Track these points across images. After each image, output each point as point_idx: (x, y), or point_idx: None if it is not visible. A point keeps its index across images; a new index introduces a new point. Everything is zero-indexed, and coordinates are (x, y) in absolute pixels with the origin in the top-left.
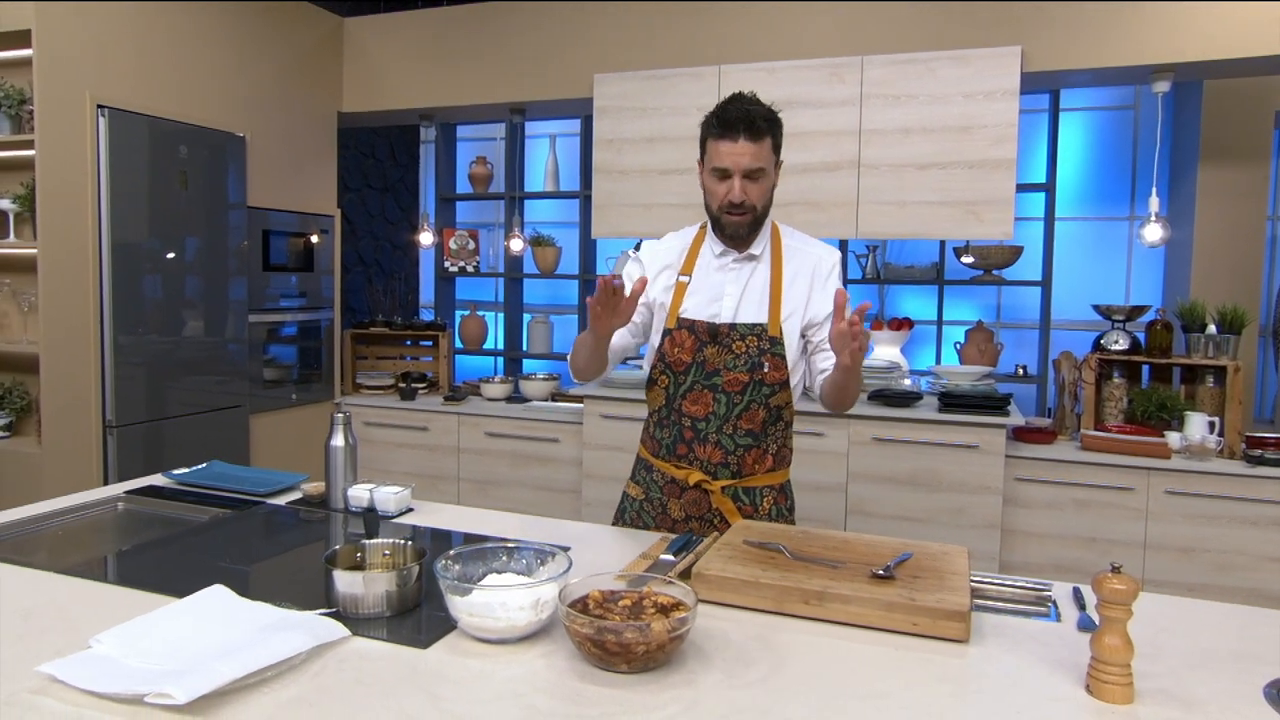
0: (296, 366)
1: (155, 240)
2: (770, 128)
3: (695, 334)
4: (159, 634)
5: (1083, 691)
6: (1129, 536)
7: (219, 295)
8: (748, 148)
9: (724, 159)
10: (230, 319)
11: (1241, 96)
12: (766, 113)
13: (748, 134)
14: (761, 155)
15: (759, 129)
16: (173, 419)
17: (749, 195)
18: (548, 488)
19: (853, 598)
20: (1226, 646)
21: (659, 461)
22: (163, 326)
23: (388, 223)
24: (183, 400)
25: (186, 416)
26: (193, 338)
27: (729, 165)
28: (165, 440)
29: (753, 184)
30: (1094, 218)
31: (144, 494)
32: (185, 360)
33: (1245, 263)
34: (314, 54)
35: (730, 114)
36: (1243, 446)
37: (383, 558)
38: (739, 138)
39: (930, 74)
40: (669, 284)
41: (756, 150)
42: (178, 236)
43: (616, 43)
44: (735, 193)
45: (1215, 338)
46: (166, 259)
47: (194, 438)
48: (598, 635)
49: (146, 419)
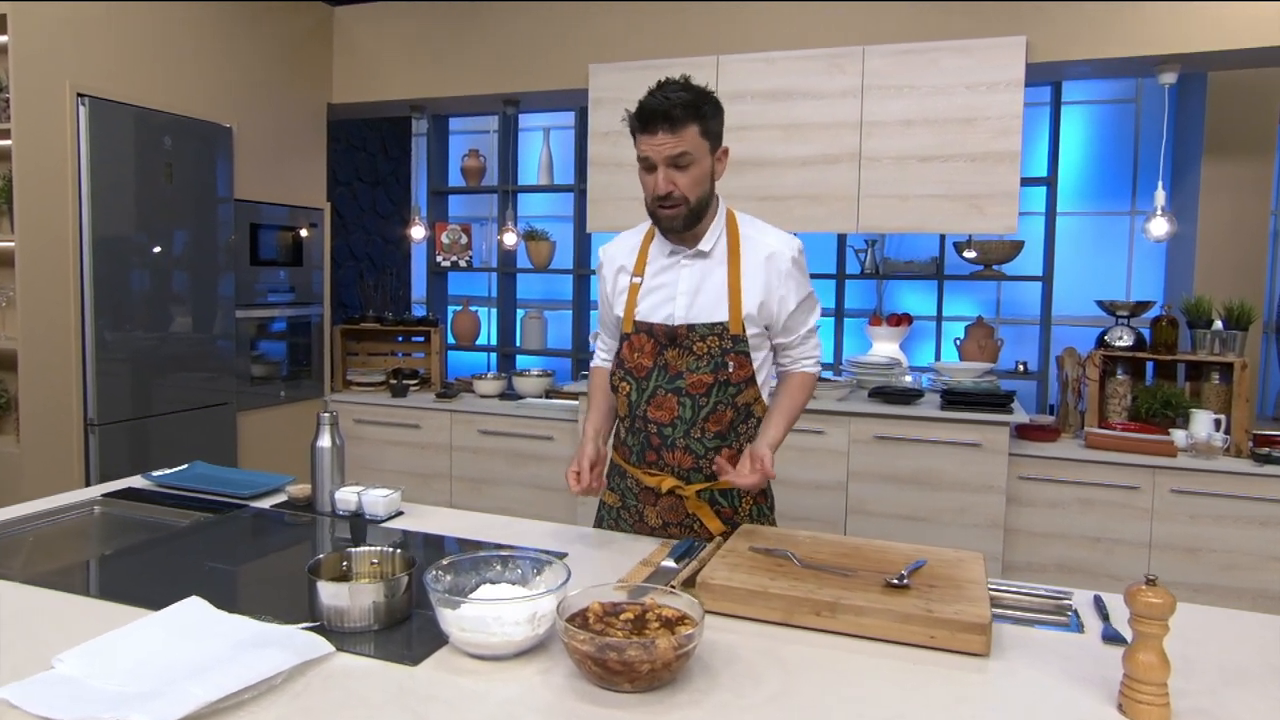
0: (285, 363)
1: (139, 233)
2: (692, 114)
3: (654, 337)
4: (126, 652)
5: (1115, 711)
6: (1134, 536)
7: (205, 290)
8: (667, 138)
9: (644, 149)
10: (217, 315)
11: (1246, 89)
12: (688, 100)
13: (665, 125)
14: (684, 142)
15: (676, 118)
16: (157, 417)
17: (677, 185)
18: (543, 486)
19: (867, 609)
20: (1263, 661)
21: (631, 468)
22: (147, 322)
23: (379, 217)
24: (167, 398)
25: (171, 415)
26: (178, 334)
27: (651, 155)
28: (149, 439)
29: (680, 172)
30: (1095, 212)
31: (123, 497)
32: (170, 357)
33: (1249, 258)
34: (303, 44)
35: (646, 108)
36: (1250, 445)
37: (370, 566)
38: (657, 130)
39: (933, 65)
40: (624, 286)
41: (678, 139)
42: (163, 229)
43: (612, 33)
44: (660, 183)
45: (1221, 334)
46: (151, 253)
47: (179, 436)
48: (599, 653)
49: (130, 417)
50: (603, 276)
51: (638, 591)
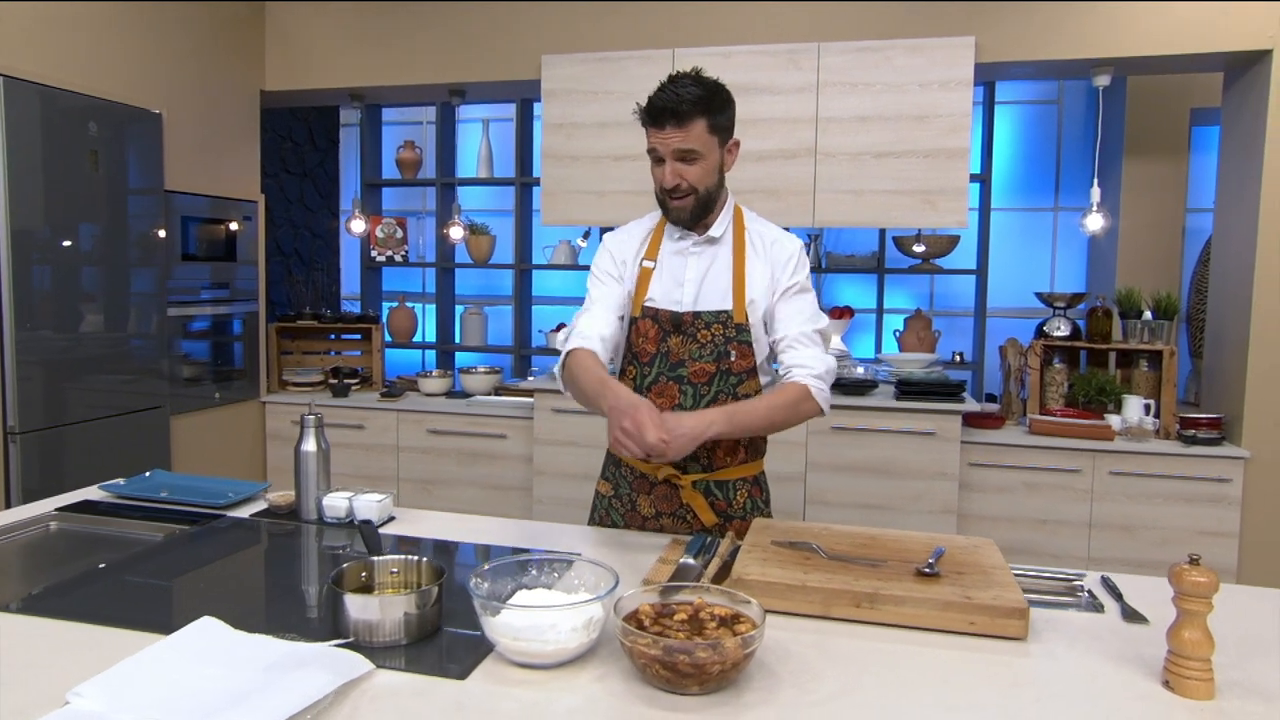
0: (219, 363)
1: (62, 226)
2: (701, 110)
3: (659, 323)
4: (149, 681)
5: (1161, 688)
6: (1076, 517)
7: (134, 287)
8: (675, 133)
9: (653, 143)
10: (146, 313)
11: (1161, 95)
12: (698, 94)
13: (673, 121)
14: (691, 137)
15: (684, 113)
16: (84, 423)
17: (685, 177)
18: (496, 486)
19: (906, 598)
20: (1276, 632)
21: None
22: (70, 322)
23: (307, 210)
24: (95, 403)
25: (98, 421)
26: (105, 333)
27: (659, 148)
28: (76, 447)
29: (688, 165)
30: (1020, 208)
31: (78, 510)
32: (97, 358)
33: (1166, 253)
34: (234, 27)
35: (657, 100)
36: (1177, 427)
37: (391, 576)
38: (665, 125)
39: (887, 62)
40: (635, 272)
41: (685, 134)
42: (87, 222)
43: (564, 23)
44: (668, 176)
45: (1151, 323)
46: (74, 247)
47: (108, 444)
48: (667, 656)
49: (53, 424)
50: (613, 257)
51: (669, 591)
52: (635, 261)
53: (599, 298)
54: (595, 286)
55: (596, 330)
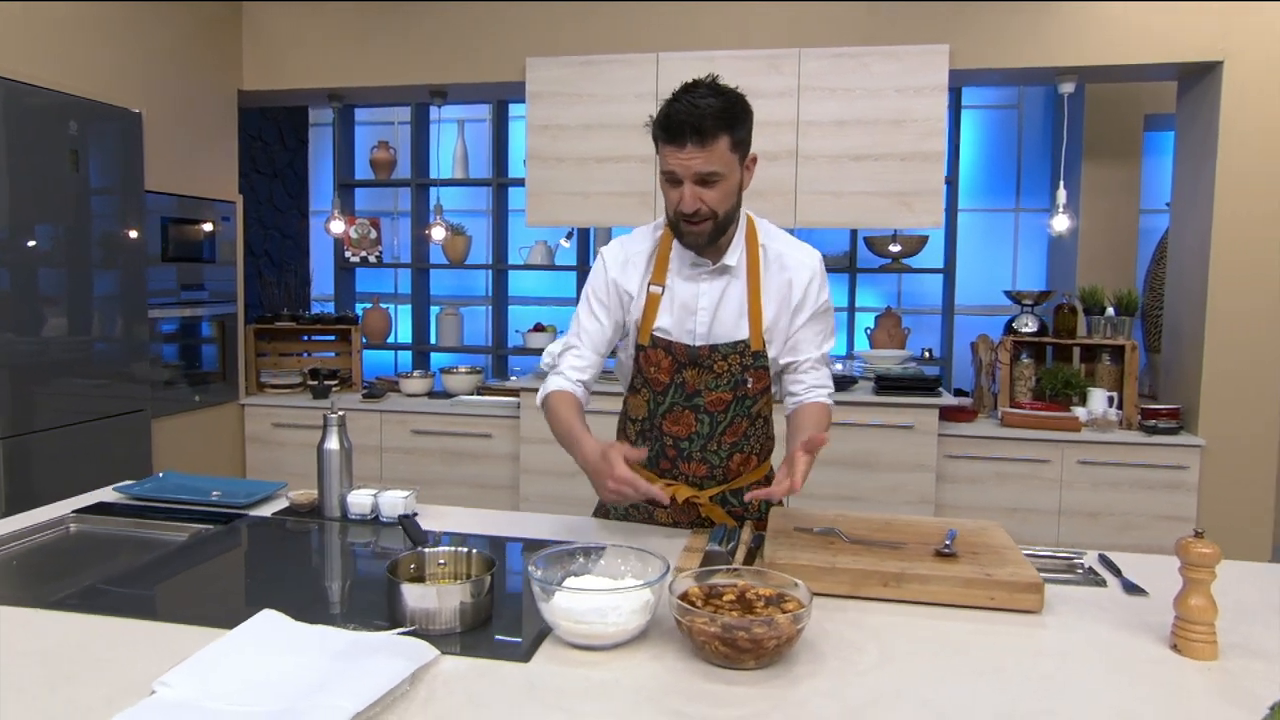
0: (197, 366)
1: (41, 226)
2: (724, 125)
3: (673, 355)
4: (230, 671)
5: (1170, 651)
6: (1046, 505)
7: (116, 288)
8: (696, 153)
9: (670, 164)
10: (126, 315)
11: (1116, 101)
12: (720, 108)
13: (695, 139)
14: (715, 158)
15: (707, 131)
16: (66, 428)
17: (705, 201)
18: (482, 485)
19: (931, 577)
20: (1263, 600)
21: (642, 471)
22: (51, 324)
23: (276, 210)
24: (76, 407)
25: (80, 425)
26: (86, 337)
27: (677, 170)
28: (59, 452)
29: (707, 189)
30: (983, 209)
31: (95, 512)
32: (77, 362)
33: (1123, 251)
34: (212, 25)
35: (675, 117)
36: (1138, 418)
37: (439, 567)
38: (685, 144)
39: (864, 68)
40: (642, 295)
41: (708, 155)
42: (67, 223)
43: (548, 26)
44: (686, 202)
45: (1113, 319)
46: (53, 248)
47: (90, 448)
48: (726, 633)
49: (33, 429)
50: (608, 282)
51: (702, 575)
52: (640, 287)
53: (586, 334)
54: (586, 317)
55: (578, 374)
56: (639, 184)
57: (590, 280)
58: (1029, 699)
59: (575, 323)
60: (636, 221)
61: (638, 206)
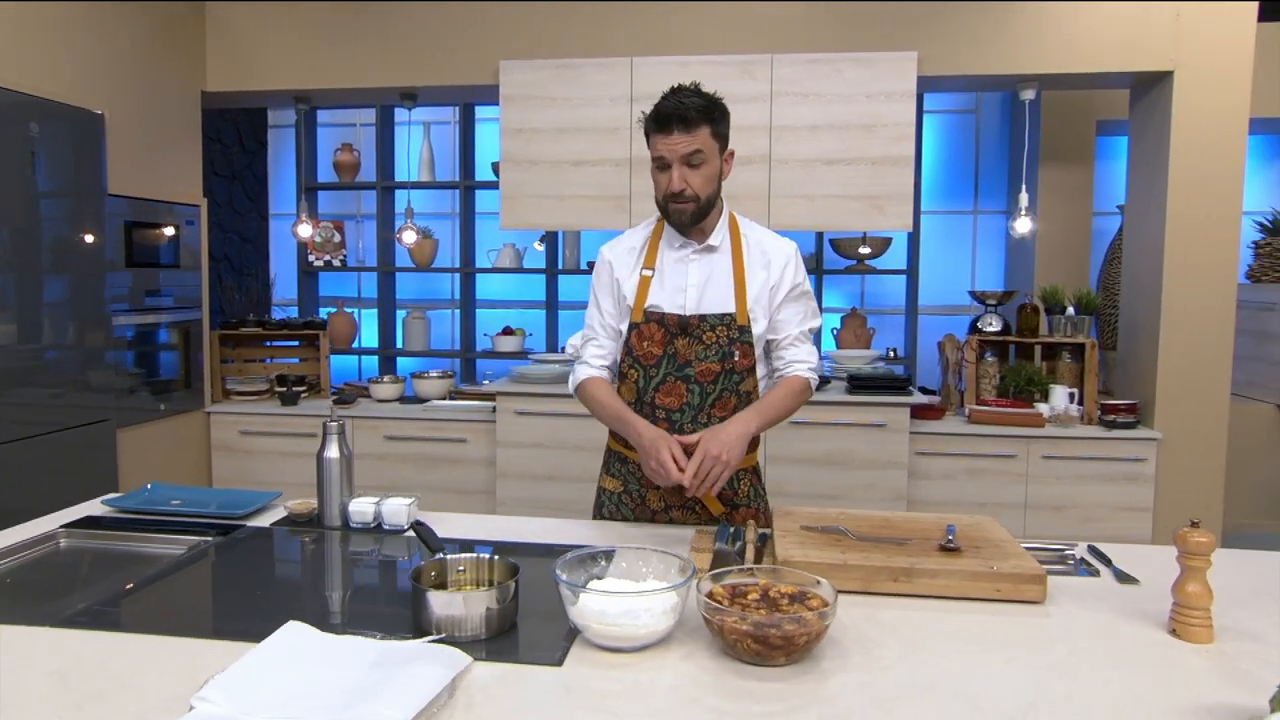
0: (162, 374)
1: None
2: (704, 116)
3: (665, 326)
4: (267, 684)
5: (1168, 636)
6: (1013, 499)
7: (80, 295)
8: (682, 138)
9: (660, 149)
10: (92, 321)
11: (1070, 107)
12: (701, 103)
13: (680, 126)
14: (698, 141)
15: (690, 119)
16: (26, 440)
17: (690, 183)
18: (458, 490)
19: (939, 571)
20: (1249, 586)
21: (634, 454)
22: (12, 331)
23: (236, 213)
24: (39, 418)
25: (44, 436)
26: (48, 344)
27: (666, 155)
28: (23, 464)
29: (693, 171)
30: (942, 211)
31: (83, 526)
32: (41, 370)
33: (1078, 252)
34: (174, 25)
35: (663, 108)
36: (1098, 413)
37: (459, 574)
38: (673, 131)
39: (836, 74)
40: (635, 279)
41: (691, 138)
42: (27, 227)
43: (522, 29)
44: (674, 182)
45: (1073, 318)
46: (13, 252)
47: (51, 460)
48: (759, 631)
49: None
50: (608, 274)
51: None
52: (634, 271)
53: (599, 325)
54: (594, 311)
55: (601, 361)
56: (614, 187)
57: (594, 276)
58: (1050, 685)
59: (589, 316)
60: (611, 225)
61: (612, 210)
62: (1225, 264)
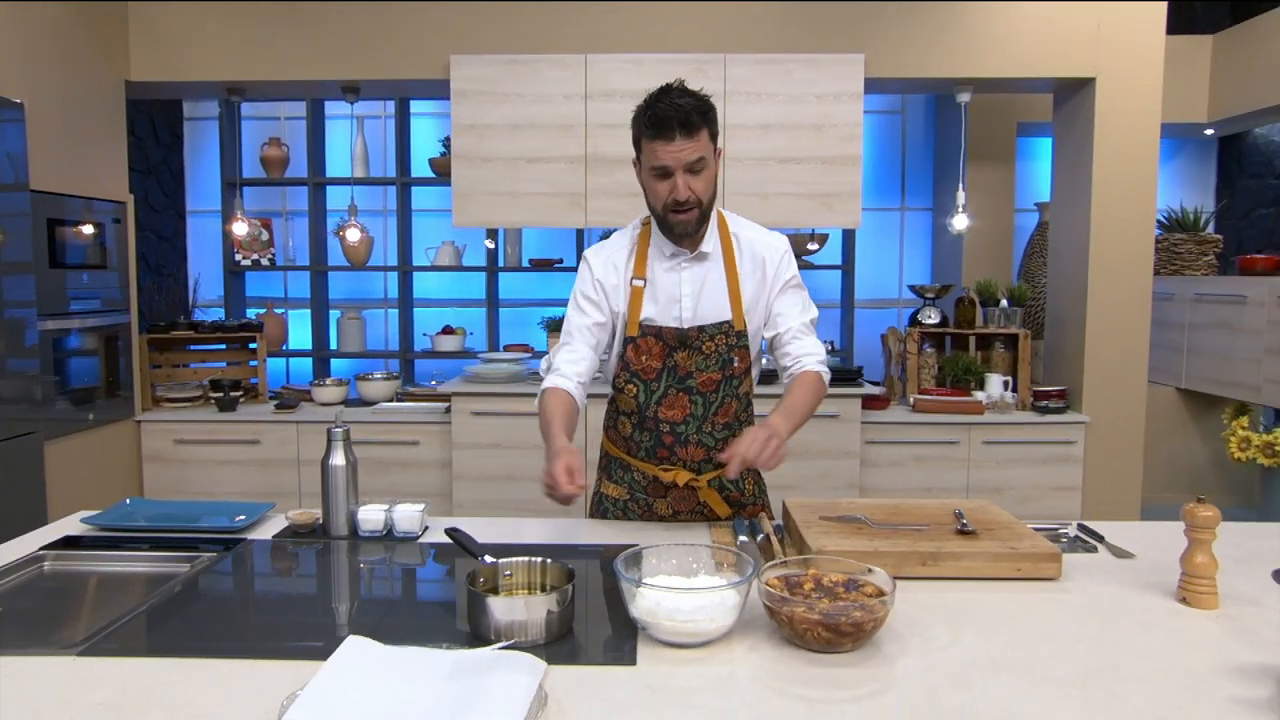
0: (89, 381)
1: None
2: (704, 119)
3: (663, 340)
4: (351, 701)
5: (1178, 604)
6: (956, 483)
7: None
8: (685, 144)
9: (662, 158)
10: (16, 327)
11: (992, 109)
12: (700, 104)
13: (683, 131)
14: (700, 147)
15: (693, 124)
16: None
17: (695, 190)
18: (412, 493)
19: (963, 554)
20: (1236, 555)
21: (639, 463)
22: None
23: (152, 210)
24: None
25: None
26: None
27: (669, 163)
28: None
29: (696, 177)
30: (872, 209)
31: (64, 546)
32: None
33: (1001, 247)
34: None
35: (662, 112)
36: (1031, 399)
37: (506, 579)
38: (675, 137)
39: (787, 75)
40: (626, 290)
41: (695, 145)
42: None
43: (473, 24)
44: (680, 190)
45: (1006, 310)
46: None
47: None
48: (829, 619)
49: None
50: (594, 281)
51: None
52: (624, 282)
53: (578, 330)
54: (576, 315)
55: (574, 370)
56: (569, 185)
57: (577, 283)
58: (1097, 655)
59: (567, 323)
60: (566, 223)
61: (567, 207)
62: (1142, 258)
